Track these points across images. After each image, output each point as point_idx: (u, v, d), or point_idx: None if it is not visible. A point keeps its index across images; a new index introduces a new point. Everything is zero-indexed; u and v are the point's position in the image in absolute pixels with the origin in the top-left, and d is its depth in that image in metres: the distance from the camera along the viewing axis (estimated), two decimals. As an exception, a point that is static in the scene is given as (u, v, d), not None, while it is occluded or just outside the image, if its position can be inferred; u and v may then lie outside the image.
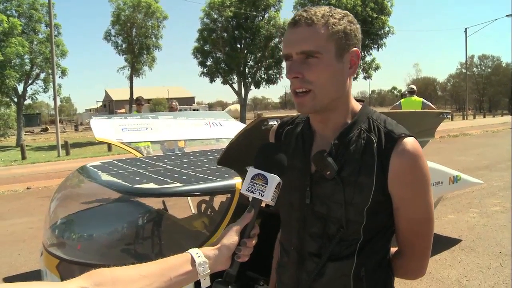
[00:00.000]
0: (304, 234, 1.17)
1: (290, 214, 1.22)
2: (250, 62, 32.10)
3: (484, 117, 44.04)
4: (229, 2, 29.34)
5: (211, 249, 1.02)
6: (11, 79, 22.97)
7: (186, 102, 64.24)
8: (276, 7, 31.27)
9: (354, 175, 1.09)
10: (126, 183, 2.72)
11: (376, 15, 30.87)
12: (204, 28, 30.92)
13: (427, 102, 9.02)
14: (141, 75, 32.70)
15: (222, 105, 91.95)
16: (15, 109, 26.57)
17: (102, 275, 0.86)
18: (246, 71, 31.98)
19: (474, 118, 40.83)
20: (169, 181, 2.72)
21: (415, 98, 9.06)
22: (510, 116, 37.58)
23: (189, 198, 4.51)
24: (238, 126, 5.32)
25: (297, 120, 1.31)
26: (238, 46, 31.34)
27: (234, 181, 2.63)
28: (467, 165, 10.44)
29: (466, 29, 42.13)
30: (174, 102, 8.90)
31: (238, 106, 38.98)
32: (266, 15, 30.94)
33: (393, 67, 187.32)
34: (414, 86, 9.51)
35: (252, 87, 32.78)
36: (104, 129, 4.61)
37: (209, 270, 0.99)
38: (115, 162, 3.75)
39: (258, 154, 1.11)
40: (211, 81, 32.24)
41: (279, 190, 1.08)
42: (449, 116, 3.31)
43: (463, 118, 39.16)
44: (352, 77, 1.15)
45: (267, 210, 3.49)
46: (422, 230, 1.14)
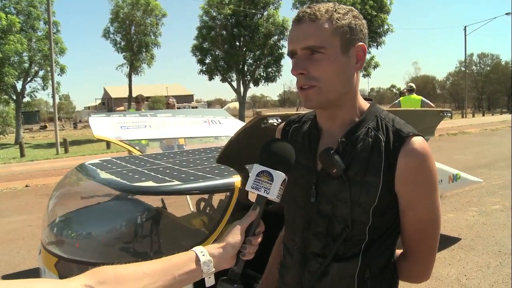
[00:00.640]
0: (308, 233, 1.16)
1: (295, 213, 1.21)
2: (249, 60, 32.07)
3: (483, 115, 44.09)
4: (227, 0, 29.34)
5: (216, 247, 1.00)
6: (10, 77, 22.96)
7: (185, 99, 64.20)
8: (275, 5, 31.27)
9: (361, 174, 1.07)
10: (124, 181, 2.71)
11: (375, 13, 30.83)
12: (203, 26, 30.88)
13: (426, 100, 9.03)
14: (140, 73, 32.82)
15: (221, 103, 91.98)
16: (14, 106, 26.55)
17: (106, 273, 0.85)
18: (245, 69, 31.95)
19: (473, 116, 40.87)
20: (168, 179, 2.71)
21: (414, 96, 9.06)
22: (510, 114, 37.61)
23: (188, 196, 4.49)
24: (237, 124, 5.31)
25: (304, 118, 1.29)
26: (237, 44, 31.31)
27: (233, 179, 2.61)
28: (467, 163, 10.44)
29: (466, 27, 42.21)
30: (171, 99, 8.81)
31: (237, 104, 38.94)
32: (265, 13, 30.91)
33: (392, 65, 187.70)
34: (413, 84, 9.51)
35: (251, 85, 32.77)
36: (103, 126, 4.59)
37: (213, 269, 0.98)
38: (114, 160, 3.74)
39: (263, 150, 1.09)
40: (210, 78, 32.22)
41: (285, 187, 1.07)
42: (449, 114, 3.29)
43: (462, 117, 39.18)
44: (359, 72, 1.13)
45: (268, 208, 3.47)
46: (428, 232, 1.12)
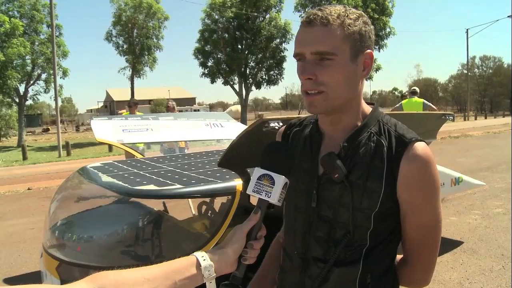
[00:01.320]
0: (309, 238, 1.15)
1: (295, 218, 1.19)
2: (251, 63, 32.09)
3: (485, 118, 44.01)
4: (230, 2, 29.36)
5: (217, 252, 1.00)
6: (13, 80, 23.05)
7: (187, 102, 64.29)
8: (277, 8, 31.28)
9: (363, 179, 1.06)
10: (126, 185, 2.70)
11: (377, 16, 30.83)
12: (205, 28, 30.93)
13: (428, 103, 9.01)
14: (142, 76, 32.85)
15: (223, 105, 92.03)
16: (17, 109, 26.66)
17: (106, 278, 0.85)
18: (247, 72, 31.96)
19: (476, 119, 40.80)
20: (169, 182, 2.70)
21: (416, 99, 9.05)
22: (511, 117, 37.51)
23: (189, 199, 4.49)
24: (239, 127, 5.31)
25: (305, 122, 1.28)
26: (239, 47, 31.35)
27: (235, 182, 2.61)
28: (469, 166, 10.42)
29: (468, 30, 42.24)
30: (170, 102, 8.68)
31: (239, 107, 39.01)
32: (267, 16, 30.93)
33: (394, 68, 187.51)
34: (416, 88, 9.51)
35: (253, 88, 32.77)
36: (104, 130, 4.59)
37: (214, 274, 0.97)
38: (115, 163, 3.74)
39: (264, 153, 1.08)
40: (212, 81, 32.23)
41: (286, 190, 1.06)
42: (451, 118, 3.29)
43: (465, 119, 39.11)
44: (364, 79, 1.12)
45: (270, 212, 3.47)
46: (429, 237, 1.12)
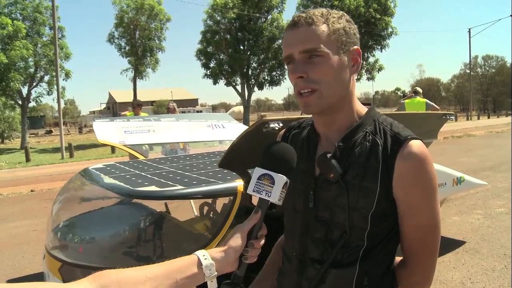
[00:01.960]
0: (306, 239, 1.15)
1: (294, 219, 1.20)
2: (253, 64, 32.10)
3: (488, 117, 43.88)
4: (232, 3, 29.38)
5: (218, 251, 1.01)
6: (16, 82, 23.12)
7: (190, 104, 64.34)
8: (279, 9, 31.28)
9: (359, 179, 1.06)
10: (128, 186, 2.72)
11: (379, 16, 30.78)
12: (207, 30, 30.95)
13: (431, 103, 9.00)
14: (144, 77, 32.87)
15: (226, 106, 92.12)
16: (20, 111, 26.76)
17: (108, 277, 0.86)
18: (249, 73, 31.97)
19: (478, 118, 40.71)
20: (170, 183, 2.72)
21: (419, 99, 9.04)
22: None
23: (191, 200, 4.50)
24: (241, 127, 5.32)
25: (303, 124, 1.29)
26: (241, 47, 31.36)
27: (236, 183, 2.62)
28: (471, 166, 10.39)
29: (470, 29, 42.25)
30: (171, 103, 8.68)
31: (241, 108, 39.01)
32: (269, 17, 30.94)
33: (396, 68, 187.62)
34: (418, 88, 9.50)
35: (255, 89, 32.77)
36: (106, 131, 4.61)
37: (216, 273, 0.98)
38: (117, 164, 3.76)
39: (264, 153, 1.08)
40: (215, 83, 32.26)
41: (287, 190, 1.06)
42: (452, 118, 3.29)
43: (467, 119, 39.04)
44: (355, 76, 1.13)
45: (271, 213, 3.48)
46: (428, 238, 1.10)
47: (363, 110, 1.16)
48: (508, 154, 11.81)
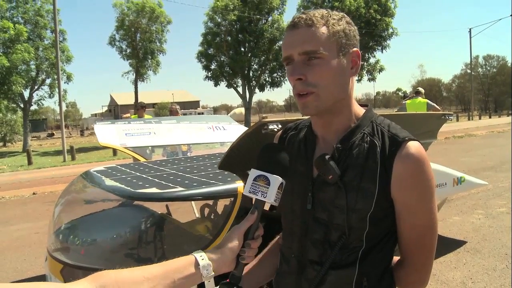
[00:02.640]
0: (305, 241, 1.15)
1: (292, 220, 1.20)
2: (254, 65, 32.16)
3: (489, 117, 43.80)
4: (232, 5, 29.43)
5: (215, 251, 1.03)
6: (17, 85, 23.20)
7: (191, 105, 64.46)
8: (279, 10, 31.37)
9: (357, 180, 1.06)
10: (129, 188, 2.74)
11: (379, 17, 30.83)
12: (208, 32, 31.03)
13: (432, 104, 9.00)
14: (145, 80, 32.89)
15: (227, 108, 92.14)
16: (21, 114, 26.83)
17: (107, 277, 0.88)
18: (250, 74, 32.03)
19: (480, 118, 40.65)
20: (171, 185, 2.73)
21: (420, 99, 9.05)
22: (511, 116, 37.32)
23: (192, 202, 4.52)
24: (241, 129, 5.34)
25: (300, 125, 1.29)
26: (242, 49, 31.42)
27: (236, 185, 2.63)
28: (473, 166, 10.39)
29: (470, 29, 42.21)
30: (174, 105, 8.73)
31: (242, 110, 39.03)
32: (270, 18, 31.01)
33: (397, 69, 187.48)
34: (420, 88, 9.50)
35: (256, 90, 32.82)
36: (108, 134, 4.63)
37: (213, 273, 1.00)
38: (119, 167, 3.77)
39: (260, 155, 1.10)
40: (216, 84, 32.30)
41: (282, 190, 1.07)
42: (451, 118, 3.30)
43: (469, 119, 38.98)
44: (354, 78, 1.13)
45: (270, 214, 3.49)
46: (425, 239, 1.11)
47: (361, 111, 1.16)
48: (509, 154, 11.80)
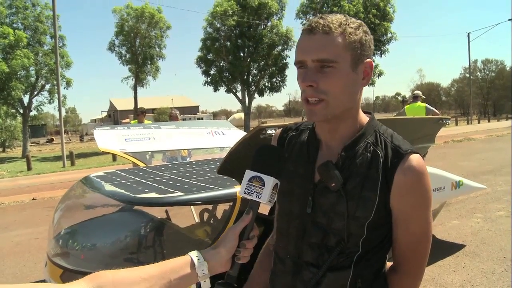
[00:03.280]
0: (302, 243, 1.16)
1: (289, 222, 1.21)
2: (254, 71, 32.21)
3: (488, 121, 43.87)
4: (231, 11, 29.52)
5: (211, 251, 1.05)
6: (17, 91, 23.24)
7: (191, 111, 64.49)
8: (278, 16, 31.44)
9: (358, 189, 1.08)
10: (128, 193, 2.75)
11: (378, 22, 30.94)
12: (207, 37, 31.09)
13: (431, 108, 9.02)
14: (145, 85, 32.93)
15: (227, 113, 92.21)
16: (21, 120, 26.84)
17: (104, 277, 0.89)
18: (250, 80, 32.07)
19: (479, 122, 40.71)
20: (171, 190, 2.75)
21: (419, 104, 9.08)
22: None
23: (192, 207, 4.53)
24: (240, 134, 5.36)
25: (301, 127, 1.29)
26: (241, 54, 31.48)
27: (235, 189, 2.65)
28: (472, 170, 10.41)
29: (469, 33, 42.28)
30: (173, 111, 8.76)
31: (242, 115, 39.09)
32: (269, 24, 31.08)
33: (396, 73, 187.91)
34: (419, 92, 9.52)
35: (256, 95, 32.84)
36: (107, 139, 4.65)
37: (208, 273, 1.01)
38: (118, 172, 3.79)
39: (255, 156, 1.12)
40: (215, 90, 32.34)
41: (277, 191, 1.09)
42: (448, 122, 3.33)
43: (468, 123, 39.04)
44: (363, 88, 1.14)
45: (269, 218, 3.50)
46: (419, 246, 1.14)
47: (365, 119, 1.17)
48: (508, 158, 11.82)
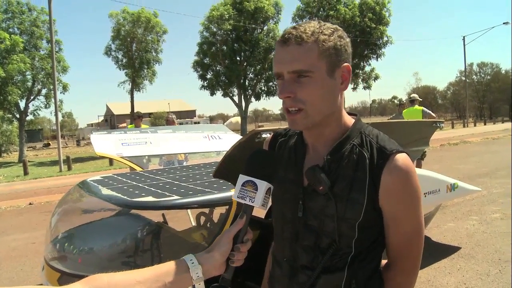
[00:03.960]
0: (296, 246, 1.18)
1: (283, 226, 1.23)
2: (250, 75, 32.30)
3: (484, 124, 43.99)
4: (227, 15, 29.61)
5: (205, 255, 1.06)
6: (13, 96, 23.23)
7: (187, 115, 64.50)
8: (275, 20, 31.61)
9: (346, 191, 1.10)
10: (125, 197, 2.77)
11: (374, 25, 31.09)
12: (203, 41, 31.18)
13: (428, 111, 9.10)
14: (141, 89, 32.86)
15: (223, 117, 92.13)
16: (17, 125, 26.84)
17: (100, 280, 0.91)
18: (246, 84, 32.15)
19: (475, 125, 40.83)
20: (167, 194, 2.77)
21: (416, 107, 9.17)
22: (511, 123, 37.55)
23: (189, 210, 4.55)
24: (236, 138, 5.38)
25: (290, 132, 1.31)
26: (238, 58, 31.57)
27: (231, 193, 2.67)
28: (468, 172, 10.47)
29: (464, 37, 42.53)
30: (170, 115, 8.79)
31: (239, 119, 39.12)
32: (265, 28, 31.21)
33: (393, 77, 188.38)
34: (415, 95, 9.58)
35: (252, 99, 32.94)
36: (104, 144, 4.67)
37: (202, 276, 1.03)
38: (115, 176, 3.80)
39: (248, 161, 1.14)
40: (212, 94, 32.39)
41: (270, 195, 1.11)
42: (442, 125, 3.36)
43: (464, 126, 39.18)
44: (344, 92, 1.15)
45: (266, 222, 3.53)
46: (412, 244, 1.16)
47: (350, 122, 1.19)
48: (504, 160, 11.89)
